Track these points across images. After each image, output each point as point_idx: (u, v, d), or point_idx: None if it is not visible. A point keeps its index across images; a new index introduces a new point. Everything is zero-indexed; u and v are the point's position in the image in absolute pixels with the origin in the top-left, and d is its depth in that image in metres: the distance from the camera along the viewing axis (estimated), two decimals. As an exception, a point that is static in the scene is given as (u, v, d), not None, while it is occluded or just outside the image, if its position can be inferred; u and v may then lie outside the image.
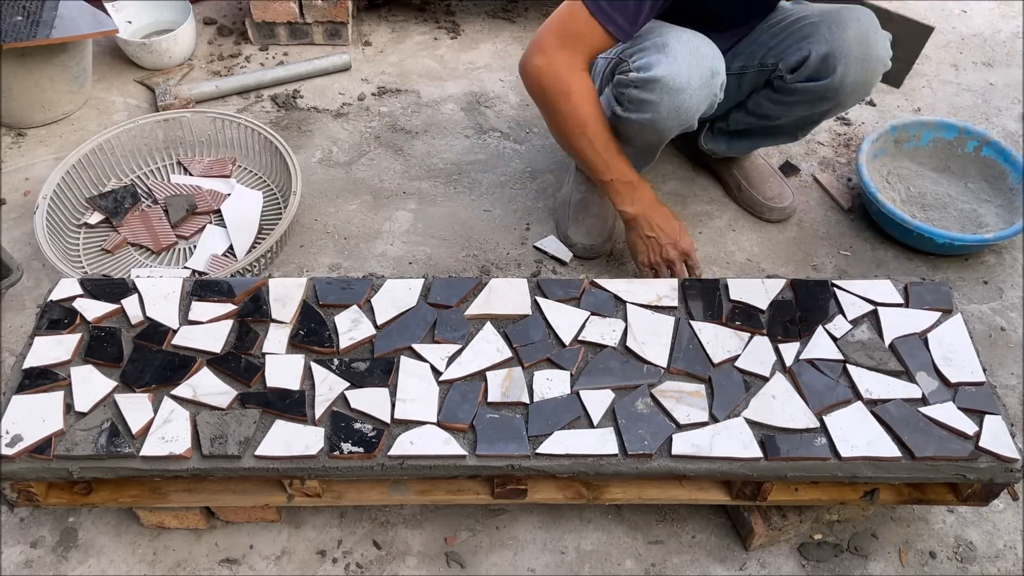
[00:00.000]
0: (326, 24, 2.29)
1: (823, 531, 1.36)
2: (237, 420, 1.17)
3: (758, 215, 1.86)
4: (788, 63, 1.50)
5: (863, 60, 1.45)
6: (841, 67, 1.44)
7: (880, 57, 1.47)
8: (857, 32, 1.44)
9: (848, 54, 1.43)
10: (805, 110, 1.57)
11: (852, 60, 1.44)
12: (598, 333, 1.29)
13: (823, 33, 1.45)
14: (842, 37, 1.44)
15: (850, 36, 1.44)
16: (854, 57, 1.44)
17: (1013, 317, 1.69)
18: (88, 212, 1.81)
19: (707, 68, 1.40)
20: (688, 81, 1.39)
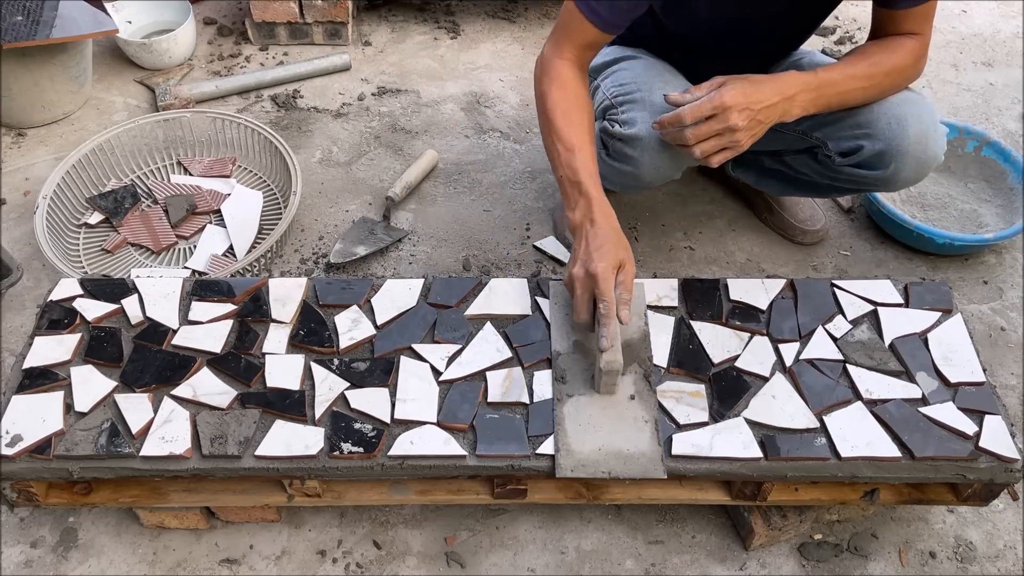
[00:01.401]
0: (326, 24, 2.29)
1: (823, 531, 1.36)
2: (237, 420, 1.17)
3: (791, 238, 1.82)
4: (839, 147, 1.41)
5: (919, 159, 1.37)
6: (895, 164, 1.36)
7: (936, 155, 1.38)
8: (918, 131, 1.34)
9: (906, 153, 1.35)
10: (848, 186, 1.51)
11: (909, 159, 1.35)
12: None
13: (882, 128, 1.34)
14: (902, 135, 1.34)
15: (911, 134, 1.34)
16: (911, 156, 1.35)
17: (1013, 317, 1.69)
18: (88, 212, 1.81)
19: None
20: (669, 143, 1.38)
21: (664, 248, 1.81)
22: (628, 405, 1.19)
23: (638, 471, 1.12)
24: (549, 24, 2.46)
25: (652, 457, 1.13)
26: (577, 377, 1.22)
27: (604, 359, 1.14)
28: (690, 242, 1.82)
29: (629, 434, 1.16)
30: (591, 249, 1.20)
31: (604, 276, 1.17)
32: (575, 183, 1.26)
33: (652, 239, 1.82)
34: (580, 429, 1.16)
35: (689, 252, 1.80)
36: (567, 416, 1.18)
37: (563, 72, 1.33)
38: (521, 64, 2.30)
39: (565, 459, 1.13)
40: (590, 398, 1.20)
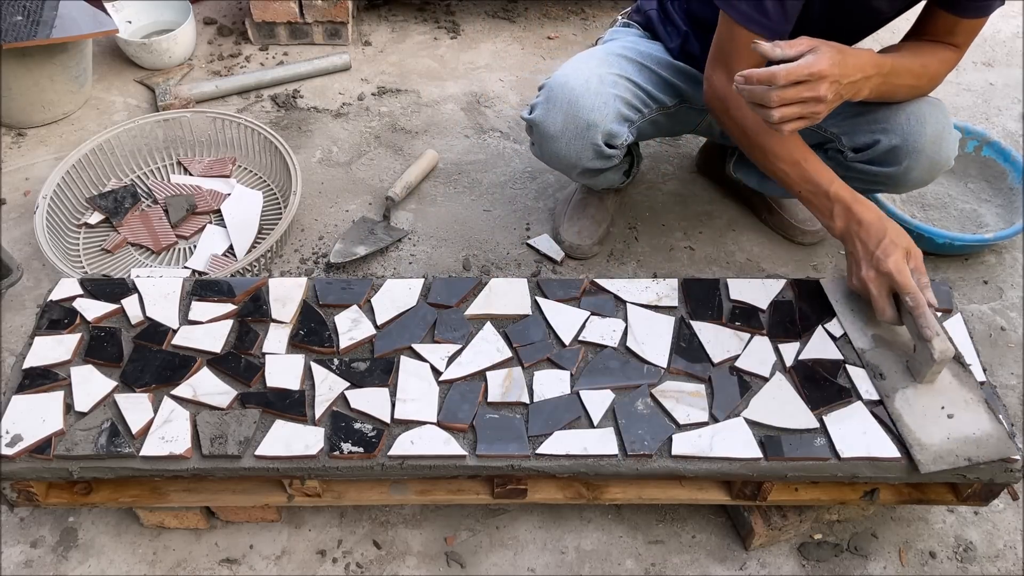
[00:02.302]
0: (326, 24, 2.29)
1: (823, 531, 1.36)
2: (237, 420, 1.17)
3: (791, 239, 1.82)
4: (853, 142, 1.42)
5: (932, 159, 1.38)
6: (909, 161, 1.37)
7: (948, 158, 1.40)
8: (935, 131, 1.36)
9: (920, 151, 1.36)
10: (857, 184, 1.47)
11: (923, 158, 1.37)
12: (598, 333, 1.29)
13: (900, 123, 1.36)
14: (919, 133, 1.35)
15: (928, 133, 1.35)
16: (925, 155, 1.37)
17: (1013, 317, 1.69)
18: (88, 212, 1.81)
19: (582, 121, 1.38)
20: (562, 131, 1.40)
21: (664, 248, 1.81)
22: (953, 389, 1.19)
23: (993, 452, 1.13)
24: (549, 24, 2.46)
25: (1000, 436, 1.14)
26: (892, 371, 1.22)
27: (937, 348, 1.14)
28: (690, 242, 1.82)
29: (969, 418, 1.16)
30: (872, 248, 1.22)
31: (899, 269, 1.18)
32: (821, 193, 1.26)
33: (652, 239, 1.82)
34: (922, 421, 1.16)
35: (689, 252, 1.80)
36: (903, 411, 1.18)
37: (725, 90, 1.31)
38: (521, 64, 2.30)
39: (921, 454, 1.13)
40: (915, 390, 1.20)
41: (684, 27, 1.51)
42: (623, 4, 2.48)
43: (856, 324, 1.29)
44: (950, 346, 1.15)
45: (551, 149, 1.44)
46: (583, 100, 1.39)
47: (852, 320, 1.29)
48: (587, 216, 1.76)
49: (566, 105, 1.39)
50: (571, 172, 1.50)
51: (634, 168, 1.71)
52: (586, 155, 1.43)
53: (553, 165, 1.50)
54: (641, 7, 1.62)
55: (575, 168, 1.47)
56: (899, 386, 1.20)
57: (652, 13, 1.58)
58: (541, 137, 1.44)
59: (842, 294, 1.33)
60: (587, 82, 1.39)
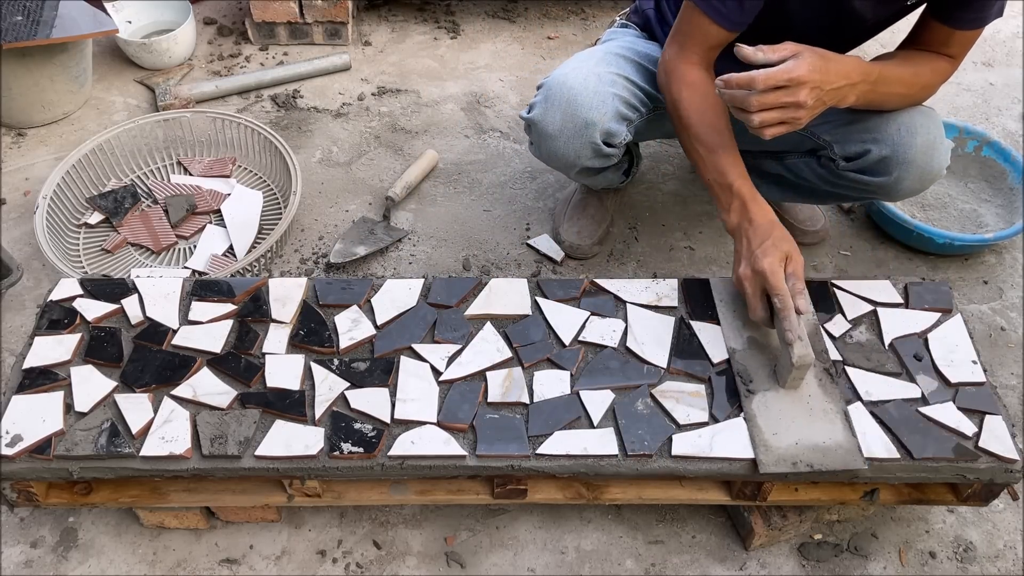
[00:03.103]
0: (326, 24, 2.29)
1: (823, 531, 1.36)
2: (237, 420, 1.17)
3: None
4: (845, 151, 1.41)
5: (923, 169, 1.37)
6: (899, 172, 1.36)
7: (940, 168, 1.38)
8: (925, 141, 1.35)
9: (911, 162, 1.35)
10: (849, 193, 1.50)
11: (913, 168, 1.36)
12: (598, 333, 1.29)
13: (891, 133, 1.35)
14: (909, 143, 1.34)
15: (918, 143, 1.34)
16: (916, 166, 1.36)
17: (1013, 317, 1.69)
18: (88, 212, 1.81)
19: (580, 119, 1.38)
20: (560, 130, 1.40)
21: (664, 248, 1.81)
22: (815, 398, 1.19)
23: (839, 463, 1.12)
24: (549, 24, 2.46)
25: (849, 448, 1.14)
26: (758, 373, 1.22)
27: (796, 353, 1.14)
28: (690, 242, 1.82)
29: (822, 427, 1.16)
30: (753, 247, 1.22)
31: (772, 271, 1.19)
32: (724, 185, 1.27)
33: (652, 239, 1.82)
34: (773, 424, 1.16)
35: (689, 252, 1.80)
36: (758, 412, 1.18)
37: (691, 74, 1.32)
38: (521, 64, 2.30)
39: (765, 455, 1.13)
40: (776, 393, 1.20)
41: None
42: (623, 4, 2.48)
43: (734, 324, 1.29)
44: (809, 352, 1.14)
45: (550, 148, 1.44)
46: (581, 99, 1.39)
47: (731, 320, 1.29)
48: (587, 216, 1.76)
49: (564, 104, 1.39)
50: (570, 171, 1.50)
51: (633, 168, 1.71)
52: (584, 154, 1.43)
53: (552, 164, 1.50)
54: (639, 7, 1.62)
55: (573, 167, 1.47)
56: (760, 388, 1.21)
57: (650, 13, 1.58)
58: (540, 136, 1.44)
59: (728, 293, 1.33)
60: (585, 81, 1.39)
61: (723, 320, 1.30)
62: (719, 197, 1.29)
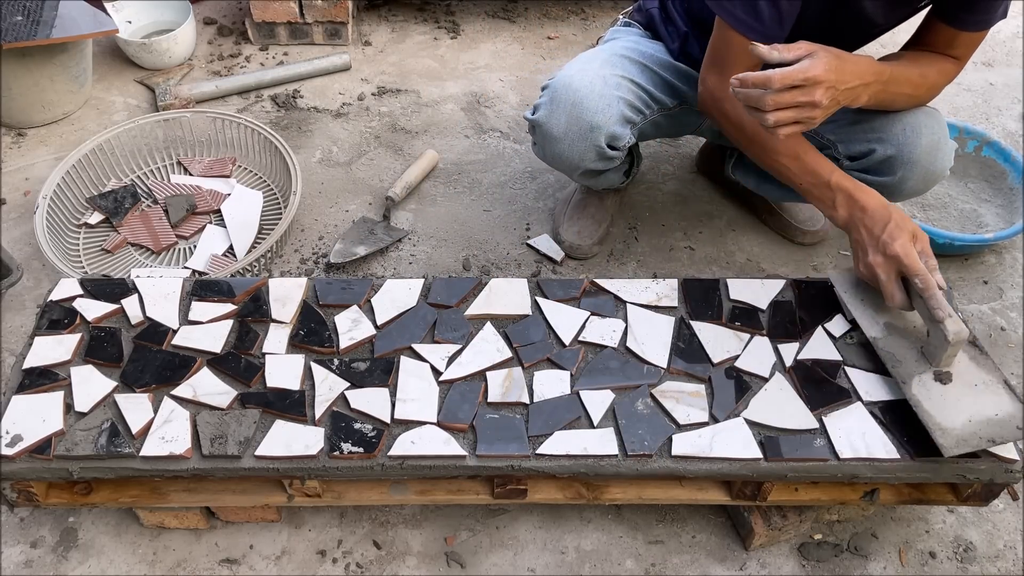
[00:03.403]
0: (326, 24, 2.29)
1: (823, 531, 1.36)
2: (237, 420, 1.17)
3: (790, 239, 1.82)
4: (849, 150, 1.42)
5: (927, 170, 1.38)
6: (903, 172, 1.37)
7: (943, 169, 1.40)
8: (930, 141, 1.36)
9: (915, 162, 1.36)
10: None
11: (918, 168, 1.37)
12: (598, 333, 1.29)
13: (896, 133, 1.36)
14: (915, 143, 1.35)
15: (923, 144, 1.35)
16: (920, 166, 1.37)
17: (1013, 317, 1.69)
18: (88, 212, 1.81)
19: (585, 123, 1.38)
20: (565, 132, 1.40)
21: (664, 248, 1.81)
22: (971, 371, 1.18)
23: (1018, 433, 1.12)
24: (549, 24, 2.46)
25: (1020, 415, 1.13)
26: (907, 357, 1.21)
27: (951, 330, 1.13)
28: (690, 242, 1.82)
29: (989, 399, 1.15)
30: (877, 233, 1.21)
31: (907, 252, 1.17)
32: (823, 184, 1.26)
33: (652, 239, 1.82)
34: (941, 406, 1.15)
35: (689, 252, 1.80)
36: (921, 397, 1.17)
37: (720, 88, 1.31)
38: (521, 64, 2.30)
39: (944, 438, 1.12)
40: (930, 374, 1.19)
41: (684, 28, 1.51)
42: (623, 4, 2.48)
43: (867, 314, 1.28)
44: (963, 327, 1.14)
45: (554, 150, 1.45)
46: (587, 102, 1.39)
47: (863, 310, 1.28)
48: (587, 216, 1.76)
49: (570, 107, 1.39)
50: (572, 173, 1.51)
51: (634, 168, 1.71)
52: (589, 157, 1.43)
53: (555, 166, 1.50)
54: (643, 6, 1.62)
55: (577, 169, 1.47)
56: (916, 372, 1.20)
57: (654, 12, 1.58)
58: (544, 138, 1.44)
59: (850, 285, 1.32)
60: (591, 84, 1.39)
61: (855, 311, 1.29)
62: (821, 197, 1.28)
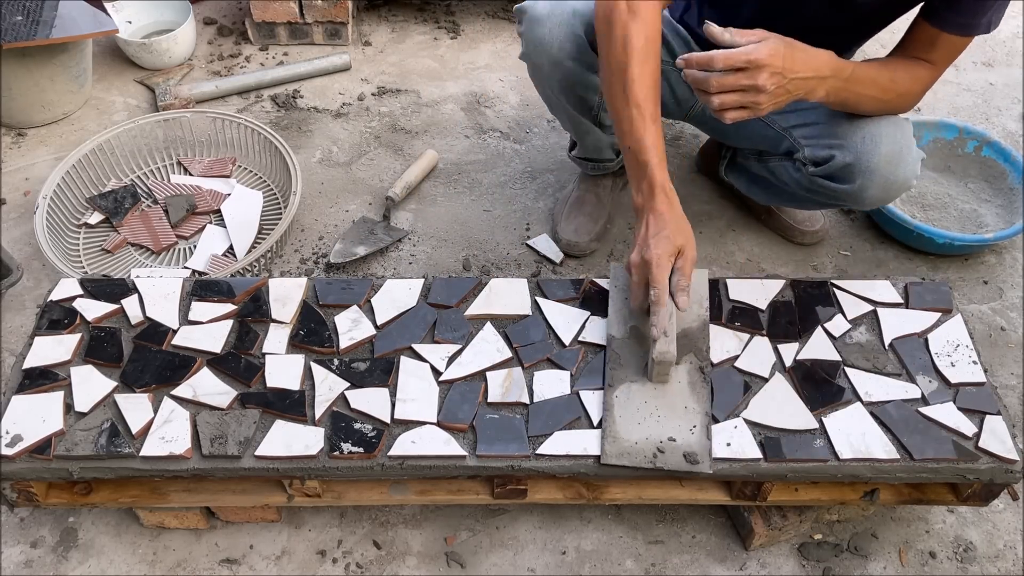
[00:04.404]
0: (326, 24, 2.29)
1: (823, 531, 1.36)
2: (237, 420, 1.17)
3: (789, 239, 1.82)
4: (814, 154, 1.40)
5: (887, 179, 1.35)
6: (862, 180, 1.35)
7: (907, 178, 1.36)
8: (890, 151, 1.33)
9: (873, 171, 1.33)
10: (822, 199, 1.49)
11: (876, 177, 1.34)
12: (598, 333, 1.29)
13: (855, 141, 1.33)
14: (873, 152, 1.32)
15: (882, 152, 1.32)
16: (879, 175, 1.34)
17: (1013, 317, 1.69)
18: (88, 212, 1.81)
19: (568, 7, 1.38)
20: (549, 14, 1.39)
21: (664, 248, 1.80)
22: (681, 396, 1.18)
23: (685, 464, 1.11)
24: (549, 24, 2.46)
25: (701, 451, 1.13)
26: (631, 363, 1.21)
27: (657, 349, 1.13)
28: (690, 242, 1.82)
29: (678, 425, 1.15)
30: (649, 236, 1.19)
31: (658, 263, 1.16)
32: (641, 162, 1.20)
33: (652, 239, 1.82)
34: (628, 417, 1.16)
35: (689, 252, 1.80)
36: (616, 403, 1.17)
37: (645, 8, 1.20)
38: (521, 64, 2.29)
39: (611, 446, 1.13)
40: (642, 386, 1.19)
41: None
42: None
43: (620, 312, 1.27)
44: (669, 350, 1.13)
45: (535, 35, 1.41)
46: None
47: (618, 307, 1.28)
48: (584, 213, 1.76)
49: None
50: (554, 74, 1.44)
51: None
52: (567, 48, 1.39)
53: (536, 59, 1.44)
54: None
55: (558, 65, 1.41)
56: (628, 379, 1.19)
57: None
58: (529, 21, 1.42)
59: (622, 281, 1.31)
60: None
61: (611, 306, 1.28)
62: (633, 171, 1.22)
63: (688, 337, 1.24)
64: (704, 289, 1.31)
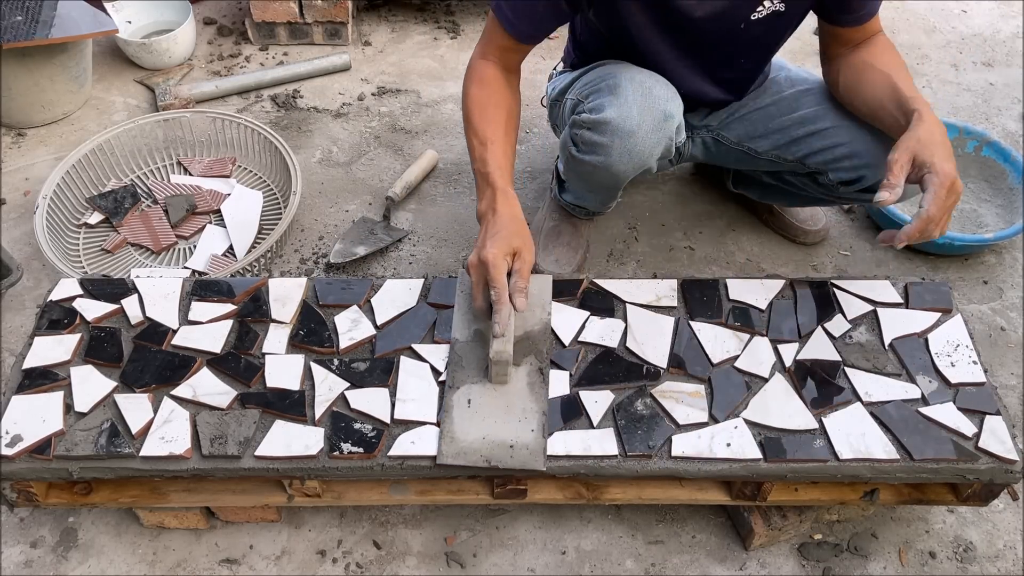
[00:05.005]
0: (326, 24, 2.29)
1: (823, 531, 1.36)
2: (237, 420, 1.17)
3: (792, 239, 1.82)
4: (840, 177, 1.44)
5: None
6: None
7: None
8: None
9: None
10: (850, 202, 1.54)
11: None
12: (598, 333, 1.29)
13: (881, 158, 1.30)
14: None
15: None
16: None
17: (1013, 317, 1.69)
18: (88, 212, 1.81)
19: (659, 111, 1.34)
20: (639, 124, 1.33)
21: (664, 248, 1.81)
22: (519, 396, 1.19)
23: (518, 463, 1.12)
24: (549, 24, 2.46)
25: (534, 449, 1.13)
26: (472, 365, 1.22)
27: (493, 348, 1.14)
28: (690, 242, 1.82)
29: (515, 425, 1.15)
30: (487, 236, 1.20)
31: (494, 263, 1.16)
32: (484, 174, 1.27)
33: (652, 239, 1.82)
34: (468, 417, 1.16)
35: (689, 252, 1.80)
36: (456, 404, 1.18)
37: (485, 71, 1.35)
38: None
39: (447, 446, 1.13)
40: (483, 387, 1.19)
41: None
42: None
43: (466, 315, 1.28)
44: (505, 349, 1.13)
45: (625, 146, 1.34)
46: (657, 90, 1.34)
47: (464, 310, 1.29)
48: (562, 244, 1.72)
49: (641, 98, 1.33)
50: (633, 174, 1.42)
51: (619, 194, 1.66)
52: (660, 151, 1.38)
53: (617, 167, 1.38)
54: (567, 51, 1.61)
55: (643, 167, 1.39)
56: (469, 380, 1.20)
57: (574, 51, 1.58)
58: (614, 135, 1.33)
59: (467, 285, 1.31)
60: (652, 76, 1.36)
61: (456, 309, 1.29)
62: (478, 185, 1.28)
63: (530, 339, 1.25)
64: (548, 294, 1.32)
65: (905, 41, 2.41)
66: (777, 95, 1.51)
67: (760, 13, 1.32)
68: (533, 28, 1.33)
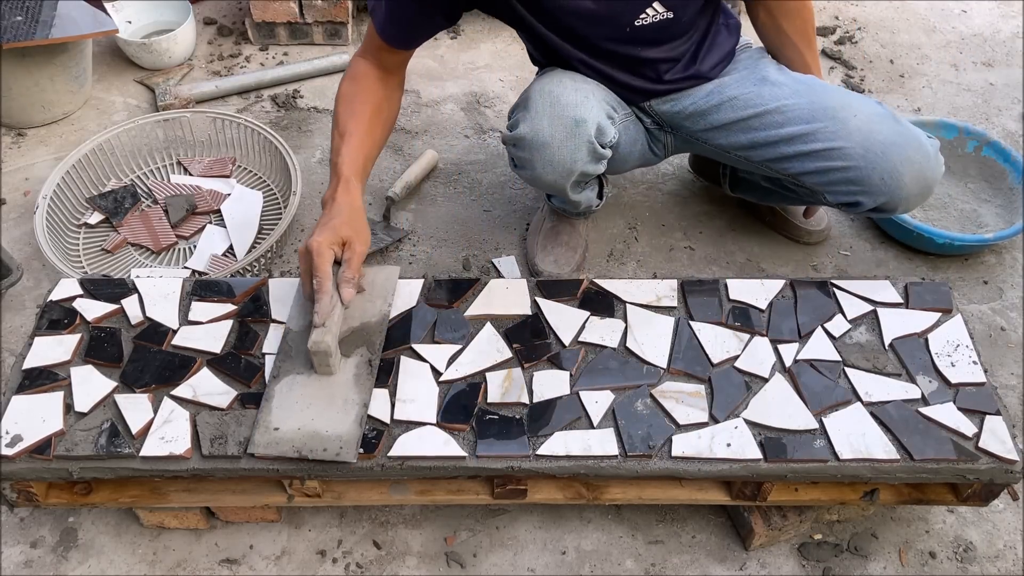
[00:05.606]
0: (326, 24, 2.29)
1: (823, 531, 1.36)
2: (237, 420, 1.17)
3: (795, 239, 1.81)
4: (837, 201, 1.43)
5: (922, 194, 1.39)
6: (900, 208, 1.40)
7: (935, 179, 1.39)
8: (912, 175, 1.35)
9: (907, 198, 1.37)
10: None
11: (912, 200, 1.38)
12: (598, 333, 1.29)
13: (876, 184, 1.35)
14: (898, 187, 1.35)
15: (907, 183, 1.35)
16: (913, 197, 1.38)
17: (1013, 317, 1.69)
18: (88, 212, 1.81)
19: (568, 119, 1.34)
20: (551, 135, 1.34)
21: (664, 248, 1.81)
22: (343, 388, 1.18)
23: (330, 454, 1.11)
24: (549, 24, 2.46)
25: (348, 440, 1.12)
26: (301, 355, 1.21)
27: (311, 339, 1.13)
28: (690, 242, 1.82)
29: (333, 416, 1.15)
30: (318, 225, 1.21)
31: (318, 251, 1.16)
32: (333, 164, 1.29)
33: (652, 239, 1.82)
34: (286, 407, 1.15)
35: (689, 252, 1.80)
36: (277, 393, 1.17)
37: (358, 68, 1.37)
38: (521, 64, 2.30)
39: (261, 436, 1.13)
40: (307, 377, 1.19)
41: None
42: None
43: (302, 306, 1.27)
44: (324, 340, 1.12)
45: (544, 158, 1.37)
46: (565, 98, 1.35)
47: (300, 302, 1.28)
48: (561, 244, 1.72)
49: (549, 108, 1.35)
50: (565, 182, 1.43)
51: (605, 188, 1.68)
52: (581, 156, 1.38)
53: (545, 179, 1.41)
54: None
55: (570, 175, 1.40)
56: (295, 371, 1.19)
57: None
58: (531, 149, 1.37)
59: None
60: (563, 84, 1.36)
61: (295, 299, 1.29)
62: (331, 176, 1.29)
63: (365, 330, 1.24)
64: (392, 285, 1.31)
65: (905, 41, 2.41)
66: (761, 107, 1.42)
67: (644, 20, 1.32)
68: (404, 34, 1.35)
